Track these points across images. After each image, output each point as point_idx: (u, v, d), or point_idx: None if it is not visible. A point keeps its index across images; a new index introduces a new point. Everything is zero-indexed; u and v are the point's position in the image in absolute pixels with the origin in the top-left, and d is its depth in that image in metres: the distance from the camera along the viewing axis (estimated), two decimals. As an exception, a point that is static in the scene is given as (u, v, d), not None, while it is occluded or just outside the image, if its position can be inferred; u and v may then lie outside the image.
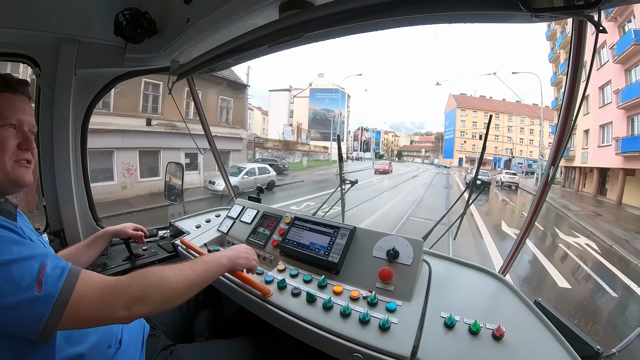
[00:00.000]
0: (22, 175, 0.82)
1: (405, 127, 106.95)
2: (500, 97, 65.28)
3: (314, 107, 52.67)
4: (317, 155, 39.43)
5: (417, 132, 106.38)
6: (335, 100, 53.60)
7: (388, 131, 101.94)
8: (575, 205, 15.22)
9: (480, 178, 1.32)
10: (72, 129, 1.71)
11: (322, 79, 54.83)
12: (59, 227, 1.77)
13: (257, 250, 1.44)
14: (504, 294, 1.09)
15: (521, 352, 0.84)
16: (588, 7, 0.69)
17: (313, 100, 52.87)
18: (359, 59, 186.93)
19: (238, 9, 1.13)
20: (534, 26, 5.10)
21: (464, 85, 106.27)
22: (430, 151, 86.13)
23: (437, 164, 62.91)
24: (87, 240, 1.34)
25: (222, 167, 2.37)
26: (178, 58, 1.65)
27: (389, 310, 0.99)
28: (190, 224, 1.84)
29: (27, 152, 0.84)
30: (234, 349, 1.17)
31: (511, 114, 56.11)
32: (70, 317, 0.65)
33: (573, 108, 1.03)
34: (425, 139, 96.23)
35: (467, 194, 1.40)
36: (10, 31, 1.43)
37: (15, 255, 0.64)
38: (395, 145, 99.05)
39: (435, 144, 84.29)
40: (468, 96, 65.39)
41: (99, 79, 1.81)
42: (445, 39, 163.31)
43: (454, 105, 64.78)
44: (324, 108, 53.25)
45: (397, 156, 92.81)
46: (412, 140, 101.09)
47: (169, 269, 0.84)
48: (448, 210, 1.60)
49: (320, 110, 52.95)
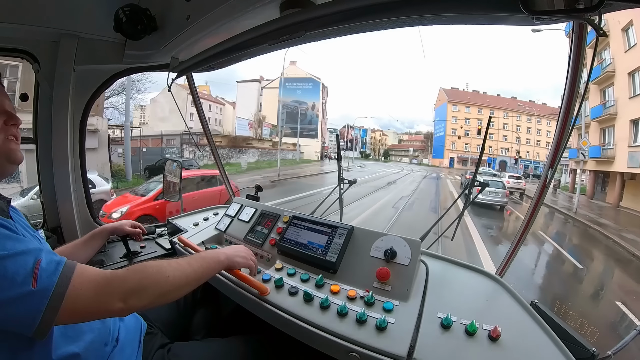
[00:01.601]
0: (13, 150, 0.84)
1: (395, 127, 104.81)
2: (495, 93, 61.94)
3: (285, 99, 45.12)
4: (285, 154, 33.28)
5: (406, 132, 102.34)
6: (308, 91, 48.27)
7: (375, 129, 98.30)
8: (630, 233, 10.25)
9: (484, 181, 1.31)
10: (71, 125, 1.70)
11: (294, 68, 47.64)
12: (56, 224, 1.76)
13: (255, 248, 1.44)
14: (501, 295, 1.09)
15: (517, 353, 0.84)
16: (589, 10, 0.69)
17: (284, 92, 44.58)
18: (346, 54, 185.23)
19: (239, 6, 1.13)
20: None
21: (456, 80, 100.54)
22: (419, 150, 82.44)
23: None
24: (85, 238, 1.33)
25: (221, 167, 2.37)
26: (178, 55, 1.64)
27: (385, 310, 0.99)
28: (188, 222, 1.84)
29: (16, 128, 0.85)
30: (231, 348, 1.17)
31: (507, 110, 53.03)
32: (66, 311, 0.65)
33: (572, 110, 1.03)
34: (414, 138, 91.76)
35: (465, 195, 1.40)
36: (10, 26, 1.42)
37: (9, 250, 0.63)
38: (383, 144, 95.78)
39: (424, 144, 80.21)
40: (460, 91, 60.95)
41: (98, 75, 1.80)
42: (439, 35, 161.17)
43: (444, 100, 59.70)
44: (295, 100, 47.47)
45: (383, 155, 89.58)
46: (401, 139, 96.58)
47: (167, 263, 0.84)
48: (446, 211, 1.60)
49: (291, 102, 47.06)
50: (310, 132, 47.73)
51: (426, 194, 17.56)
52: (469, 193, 1.37)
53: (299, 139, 39.38)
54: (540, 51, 75.68)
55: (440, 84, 74.80)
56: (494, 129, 51.71)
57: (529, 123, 53.79)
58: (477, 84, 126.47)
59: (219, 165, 2.34)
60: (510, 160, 48.14)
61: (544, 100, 40.88)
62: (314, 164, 38.19)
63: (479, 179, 1.32)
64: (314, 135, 48.12)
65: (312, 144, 46.80)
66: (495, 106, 52.00)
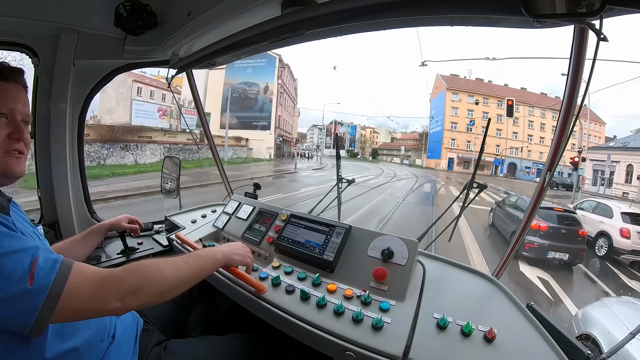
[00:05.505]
0: (11, 165, 0.81)
1: (389, 126, 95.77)
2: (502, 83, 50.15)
3: (232, 80, 35.72)
4: (222, 150, 25.20)
5: (401, 132, 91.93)
6: (260, 69, 36.51)
7: (366, 126, 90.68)
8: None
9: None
10: (69, 120, 1.70)
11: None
12: (53, 219, 1.76)
13: (252, 246, 1.44)
14: (497, 297, 1.09)
15: (512, 354, 0.84)
16: (590, 14, 0.69)
17: (230, 72, 35.24)
18: (346, 54, 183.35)
19: (240, 4, 1.13)
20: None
21: (457, 67, 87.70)
22: (411, 149, 72.52)
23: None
24: (83, 234, 1.33)
25: (219, 164, 2.36)
26: (178, 51, 1.64)
27: (382, 309, 0.99)
28: (185, 219, 1.83)
29: (19, 143, 0.82)
30: (227, 345, 1.17)
31: (517, 103, 36.84)
32: (63, 309, 0.65)
33: (572, 113, 1.03)
34: (408, 136, 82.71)
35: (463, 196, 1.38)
36: (9, 19, 1.41)
37: (6, 248, 0.63)
38: (373, 142, 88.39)
39: (418, 142, 70.33)
40: (461, 78, 49.12)
41: (98, 70, 1.79)
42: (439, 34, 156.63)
43: (442, 88, 47.77)
44: (244, 82, 36.73)
45: (371, 155, 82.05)
46: (394, 137, 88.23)
47: (164, 262, 0.84)
48: (444, 212, 1.60)
49: (239, 84, 36.57)
50: (260, 123, 37.05)
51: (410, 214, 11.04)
52: (467, 195, 1.37)
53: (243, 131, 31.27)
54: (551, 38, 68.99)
55: (436, 62, 63.83)
56: (501, 124, 43.60)
57: (543, 118, 44.12)
58: (479, 73, 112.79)
59: (217, 162, 2.34)
60: (507, 163, 40.86)
61: (557, 94, 33.97)
62: (261, 163, 29.31)
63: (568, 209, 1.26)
64: (266, 126, 37.05)
65: (264, 137, 35.99)
66: (503, 96, 38.27)
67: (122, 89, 23.87)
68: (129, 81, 16.84)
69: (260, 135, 35.52)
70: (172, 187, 2.12)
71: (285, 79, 41.03)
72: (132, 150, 19.11)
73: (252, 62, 35.87)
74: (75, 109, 1.74)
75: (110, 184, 11.97)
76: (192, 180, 14.10)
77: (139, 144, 19.75)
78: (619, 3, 0.67)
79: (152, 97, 28.22)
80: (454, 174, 39.39)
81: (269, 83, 37.44)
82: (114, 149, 17.83)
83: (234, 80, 36.25)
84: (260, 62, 36.18)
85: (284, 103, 42.25)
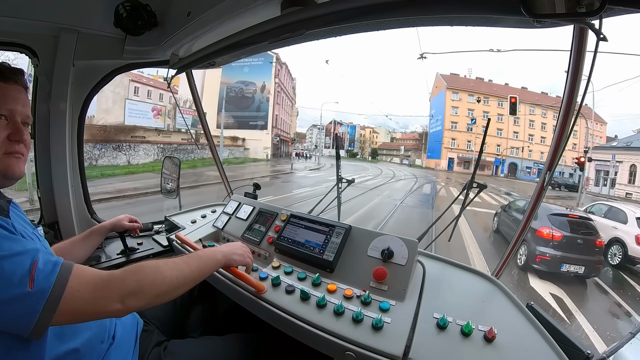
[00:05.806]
0: (10, 167, 0.80)
1: (389, 126, 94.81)
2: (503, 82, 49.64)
3: (228, 79, 35.31)
4: (220, 151, 21.89)
5: (401, 132, 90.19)
6: (257, 68, 35.95)
7: (366, 126, 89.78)
8: None
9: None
10: (69, 120, 1.70)
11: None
12: (53, 219, 1.75)
13: (252, 246, 1.44)
14: (497, 297, 1.09)
15: (512, 354, 0.84)
16: (590, 14, 0.69)
17: (227, 71, 34.48)
18: (345, 53, 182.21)
19: (240, 4, 1.12)
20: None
21: (457, 67, 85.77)
22: (411, 149, 72.04)
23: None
24: (83, 234, 1.33)
25: (219, 164, 2.36)
26: (178, 51, 1.64)
27: (382, 309, 0.99)
28: (185, 219, 1.83)
29: (19, 144, 0.82)
30: (227, 346, 1.17)
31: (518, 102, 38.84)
32: (63, 312, 0.64)
33: (572, 113, 1.03)
34: (408, 136, 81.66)
35: (462, 196, 1.40)
36: (9, 19, 1.41)
37: (5, 251, 0.63)
38: (372, 142, 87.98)
39: (418, 142, 69.82)
40: (461, 77, 49.28)
41: (98, 70, 1.79)
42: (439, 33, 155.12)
43: (442, 87, 47.65)
44: (241, 81, 36.48)
45: (371, 155, 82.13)
46: (393, 137, 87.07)
47: (164, 263, 0.84)
48: (444, 212, 1.60)
49: (236, 83, 36.26)
50: (257, 122, 36.57)
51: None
52: (466, 195, 1.37)
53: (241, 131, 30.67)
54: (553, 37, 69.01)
55: (435, 55, 60.97)
56: (502, 124, 43.11)
57: (544, 118, 43.66)
58: (480, 72, 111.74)
59: (217, 162, 2.34)
60: (508, 163, 40.30)
61: (558, 93, 32.72)
62: (257, 163, 28.69)
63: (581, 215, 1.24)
64: (263, 126, 36.47)
65: (261, 137, 35.35)
66: (504, 95, 38.18)
67: (119, 89, 23.51)
68: (126, 81, 16.65)
69: (257, 135, 34.98)
70: (172, 187, 2.11)
71: (282, 78, 40.67)
72: (125, 150, 18.75)
73: (249, 60, 34.93)
74: (75, 110, 1.74)
75: (98, 186, 11.15)
76: (183, 182, 13.43)
77: (132, 144, 19.43)
78: (618, 3, 0.67)
79: (149, 96, 27.58)
80: (454, 174, 38.79)
81: (266, 82, 37.04)
82: (106, 149, 17.58)
83: (231, 79, 35.89)
84: (257, 61, 35.52)
85: (282, 102, 41.85)
